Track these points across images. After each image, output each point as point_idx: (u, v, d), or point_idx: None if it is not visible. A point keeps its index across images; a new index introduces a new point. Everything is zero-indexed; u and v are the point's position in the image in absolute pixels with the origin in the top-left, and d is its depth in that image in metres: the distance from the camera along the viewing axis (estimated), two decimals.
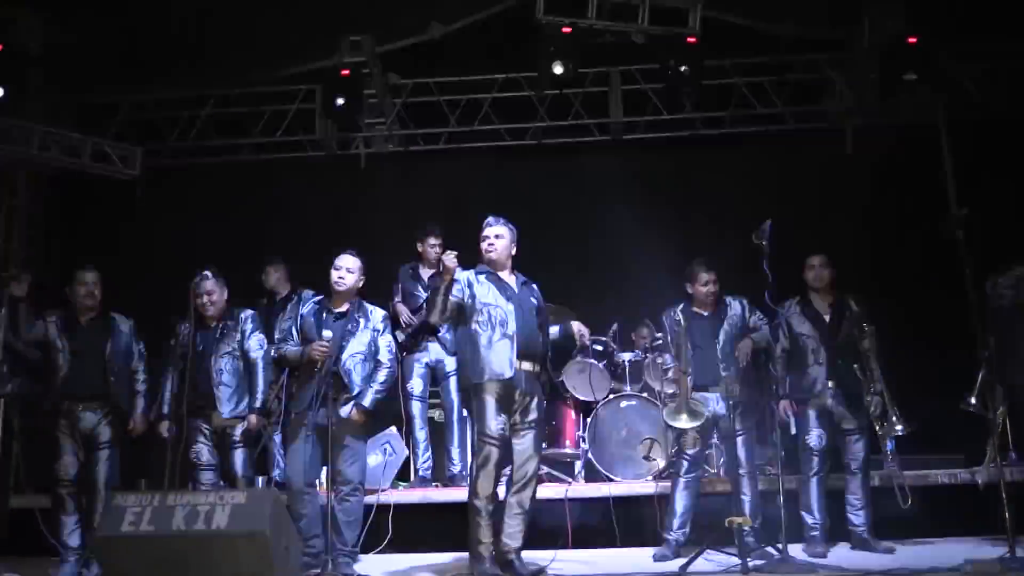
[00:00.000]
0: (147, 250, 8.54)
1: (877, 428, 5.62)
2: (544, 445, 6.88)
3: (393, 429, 6.90)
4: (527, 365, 5.00)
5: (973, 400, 5.67)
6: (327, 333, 5.20)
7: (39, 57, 7.63)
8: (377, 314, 5.49)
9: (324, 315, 5.35)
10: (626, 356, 7.11)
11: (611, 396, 6.85)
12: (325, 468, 5.55)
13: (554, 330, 5.39)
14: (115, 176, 8.72)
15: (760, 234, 5.31)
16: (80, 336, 5.69)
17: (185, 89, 8.83)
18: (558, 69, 7.62)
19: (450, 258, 4.92)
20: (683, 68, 7.66)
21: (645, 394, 6.87)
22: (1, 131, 8.27)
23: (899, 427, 5.53)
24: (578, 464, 6.88)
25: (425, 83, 8.85)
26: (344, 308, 5.40)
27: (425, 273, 6.96)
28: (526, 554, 5.26)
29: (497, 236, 5.23)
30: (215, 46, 8.16)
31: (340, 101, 7.97)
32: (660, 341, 6.11)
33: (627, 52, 8.25)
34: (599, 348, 7.05)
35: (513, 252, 5.28)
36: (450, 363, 6.81)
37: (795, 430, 5.77)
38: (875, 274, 7.67)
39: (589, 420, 6.77)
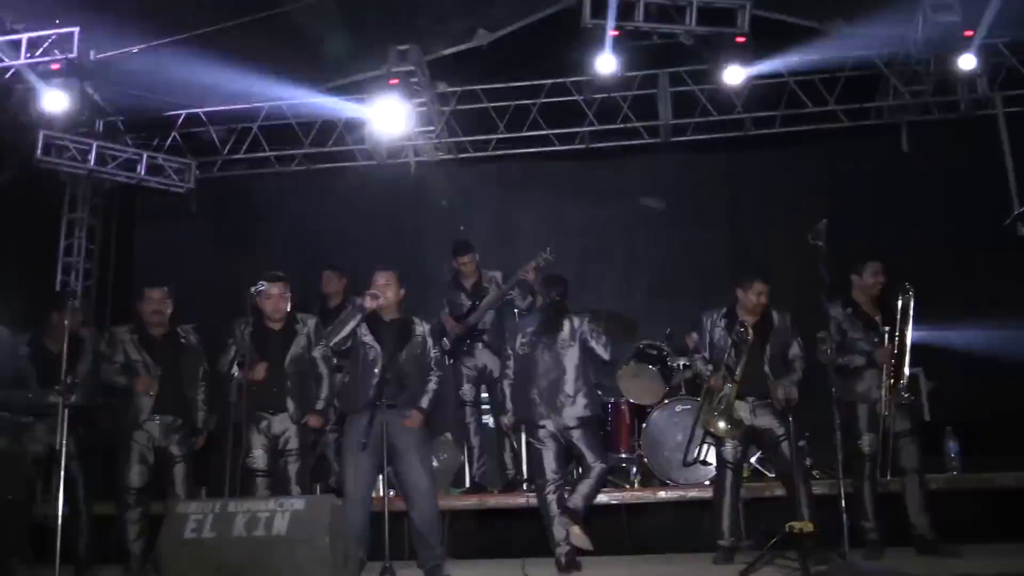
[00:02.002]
0: (201, 261, 8.68)
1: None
2: None
3: (448, 436, 6.92)
4: None
5: None
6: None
7: (94, 75, 7.79)
8: (425, 323, 5.56)
9: (376, 325, 5.39)
10: (680, 360, 7.04)
11: (665, 400, 6.79)
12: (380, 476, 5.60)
13: None
14: (170, 189, 8.92)
15: (816, 234, 5.22)
16: (155, 351, 5.80)
17: (237, 102, 8.95)
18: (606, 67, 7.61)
19: None
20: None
21: (699, 398, 6.78)
22: (60, 147, 8.51)
23: None
24: (633, 469, 6.82)
25: (473, 90, 8.87)
26: (394, 317, 5.45)
27: (466, 282, 6.98)
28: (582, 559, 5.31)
29: None
30: (265, 60, 8.28)
31: (389, 111, 8.07)
32: (698, 341, 5.92)
33: (675, 53, 8.20)
34: (653, 352, 6.99)
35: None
36: (498, 368, 6.83)
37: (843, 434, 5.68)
38: (934, 273, 7.48)
39: (644, 425, 6.71)
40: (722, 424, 5.50)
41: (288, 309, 5.79)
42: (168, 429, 5.70)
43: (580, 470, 5.65)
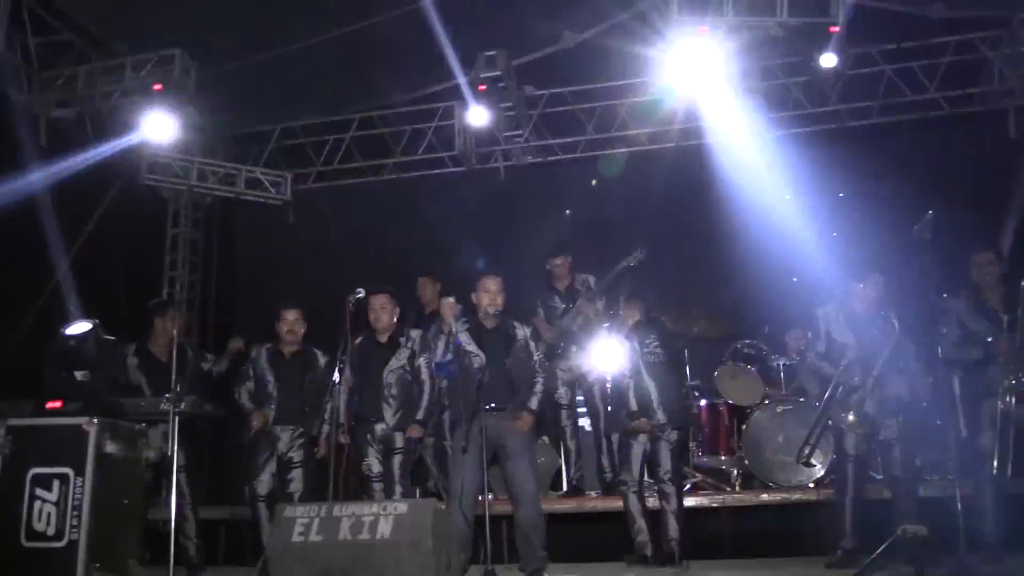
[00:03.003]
0: (299, 270, 8.88)
1: None
2: (699, 453, 6.80)
3: (545, 439, 6.90)
4: None
5: None
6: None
7: (194, 94, 8.06)
8: (525, 327, 5.60)
9: (478, 332, 5.46)
10: (780, 359, 6.88)
11: (766, 401, 6.64)
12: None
13: None
14: (268, 201, 9.16)
15: (923, 227, 5.03)
16: (284, 368, 6.04)
17: (329, 114, 9.15)
18: None
19: None
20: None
21: (801, 398, 6.62)
22: (164, 165, 8.84)
23: None
24: (734, 472, 6.70)
25: (560, 93, 8.86)
26: (494, 324, 5.48)
27: (559, 284, 6.97)
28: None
29: None
30: (355, 71, 8.44)
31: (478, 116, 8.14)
32: (811, 337, 5.74)
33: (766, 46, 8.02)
34: (751, 352, 6.85)
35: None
36: (591, 372, 6.80)
37: (965, 432, 5.44)
38: None
39: (744, 426, 6.58)
40: (852, 417, 5.36)
41: (393, 320, 5.89)
42: (291, 438, 5.94)
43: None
